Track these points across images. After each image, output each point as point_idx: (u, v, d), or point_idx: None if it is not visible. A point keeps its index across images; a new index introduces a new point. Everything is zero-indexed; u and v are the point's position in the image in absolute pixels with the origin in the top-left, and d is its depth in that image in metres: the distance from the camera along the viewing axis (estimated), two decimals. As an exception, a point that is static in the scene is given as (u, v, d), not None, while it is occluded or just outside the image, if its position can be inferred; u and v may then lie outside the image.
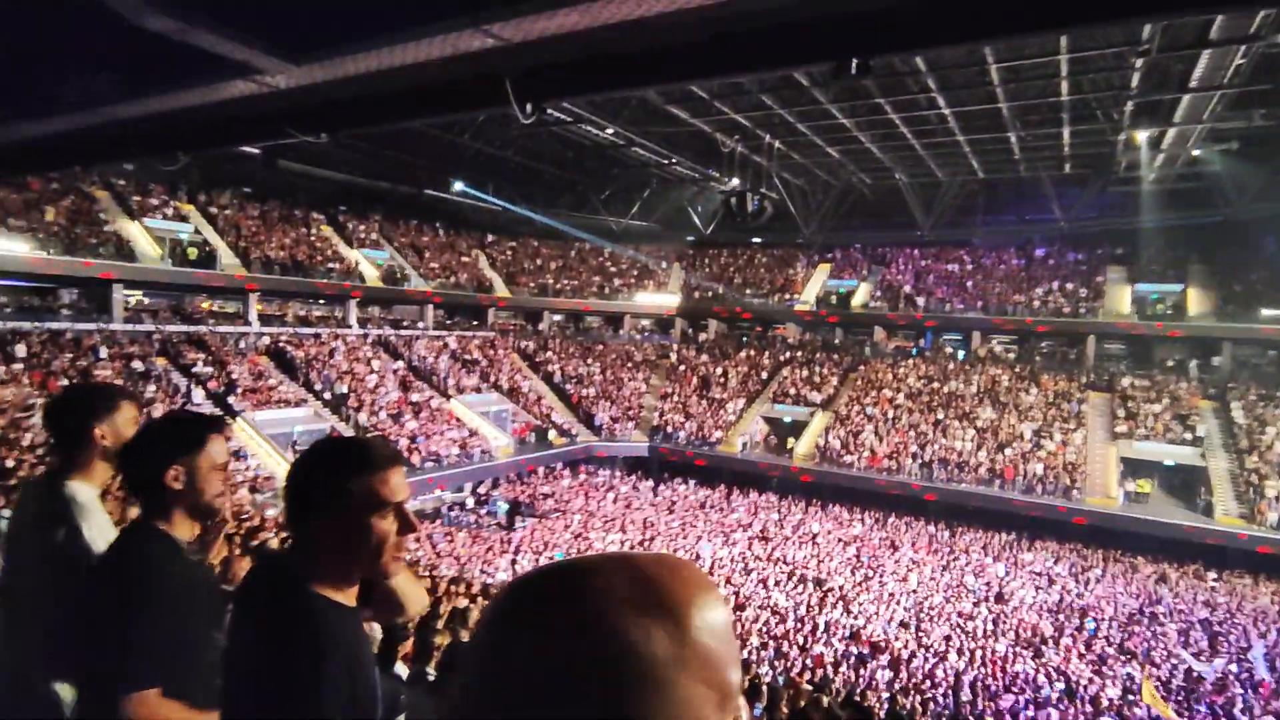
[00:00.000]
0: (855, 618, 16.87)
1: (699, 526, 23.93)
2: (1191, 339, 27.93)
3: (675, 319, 38.84)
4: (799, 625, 16.29)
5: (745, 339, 37.25)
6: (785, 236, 37.10)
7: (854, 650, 15.18)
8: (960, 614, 17.48)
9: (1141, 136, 20.30)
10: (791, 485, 27.78)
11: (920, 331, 33.63)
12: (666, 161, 29.72)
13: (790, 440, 29.36)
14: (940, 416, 28.00)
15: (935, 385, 29.94)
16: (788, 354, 34.60)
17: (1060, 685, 13.87)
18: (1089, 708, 13.07)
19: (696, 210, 36.74)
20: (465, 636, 4.22)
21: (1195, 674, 14.48)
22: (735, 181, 31.75)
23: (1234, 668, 14.69)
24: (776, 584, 18.76)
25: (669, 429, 31.06)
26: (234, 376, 23.22)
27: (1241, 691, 13.74)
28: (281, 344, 26.46)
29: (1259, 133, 20.20)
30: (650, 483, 29.13)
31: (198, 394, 21.62)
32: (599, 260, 40.23)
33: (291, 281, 27.85)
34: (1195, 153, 22.60)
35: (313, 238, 31.18)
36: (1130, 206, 27.27)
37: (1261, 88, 16.68)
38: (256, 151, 17.55)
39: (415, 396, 27.54)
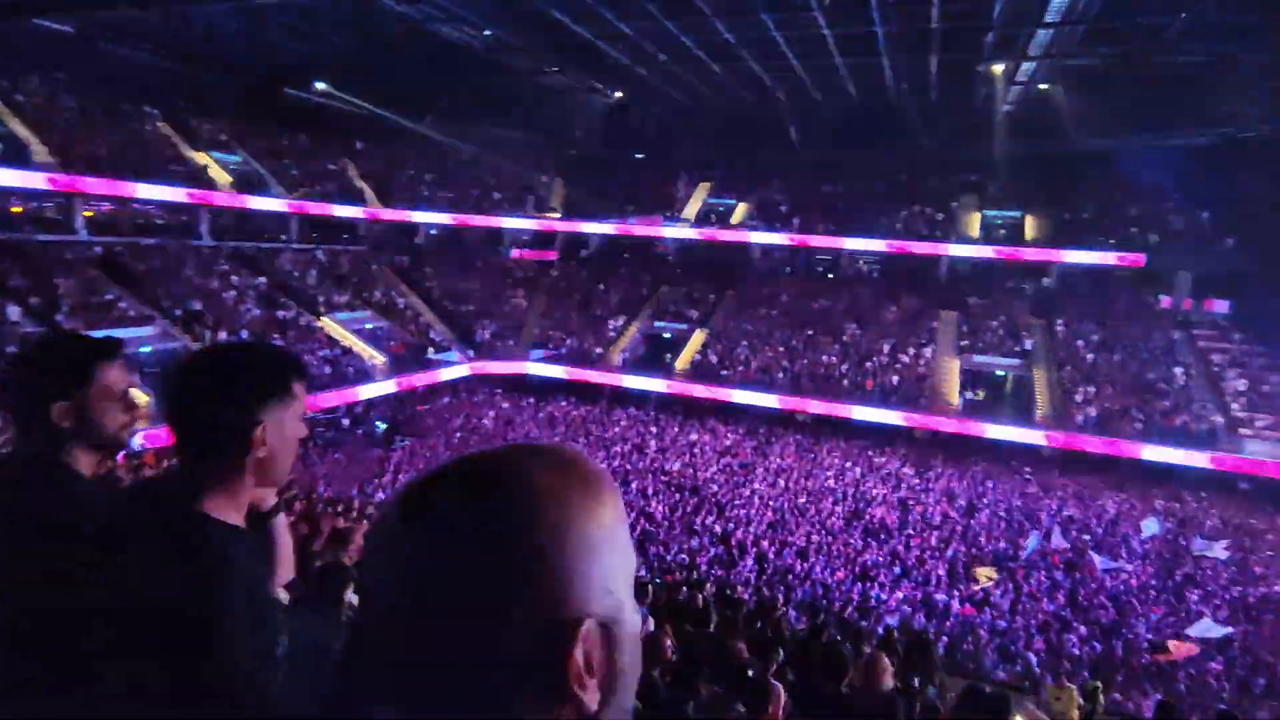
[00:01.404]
0: (728, 522, 18.12)
1: (580, 442, 24.45)
2: (1026, 262, 30.88)
3: (556, 235, 38.16)
4: (673, 530, 17.30)
5: (626, 256, 37.31)
6: (667, 153, 36.90)
7: (726, 550, 16.40)
8: (820, 512, 19.19)
9: (996, 68, 21.55)
10: (670, 401, 28.80)
11: (794, 249, 35.04)
12: (548, 71, 28.39)
13: (668, 356, 30.21)
14: (810, 333, 29.68)
15: (806, 302, 31.54)
16: (667, 271, 35.10)
17: (897, 569, 15.82)
18: (925, 583, 15.03)
19: (578, 124, 35.68)
20: (346, 558, 4.18)
21: (1012, 550, 17.00)
22: (619, 94, 30.92)
23: (1035, 543, 17.15)
24: (655, 494, 19.69)
25: (550, 345, 31.05)
26: (60, 291, 20.71)
27: (1042, 560, 16.39)
28: (118, 255, 23.75)
29: (1099, 70, 21.95)
30: (531, 399, 29.24)
31: (13, 311, 19.17)
32: (476, 173, 38.45)
33: (128, 185, 24.69)
34: (1042, 86, 24.32)
35: (147, 135, 27.68)
36: (983, 135, 29.08)
37: (1110, 25, 17.95)
38: (69, 30, 15.07)
39: (281, 314, 25.79)
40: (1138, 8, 15.83)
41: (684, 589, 10.19)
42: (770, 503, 19.64)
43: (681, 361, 29.60)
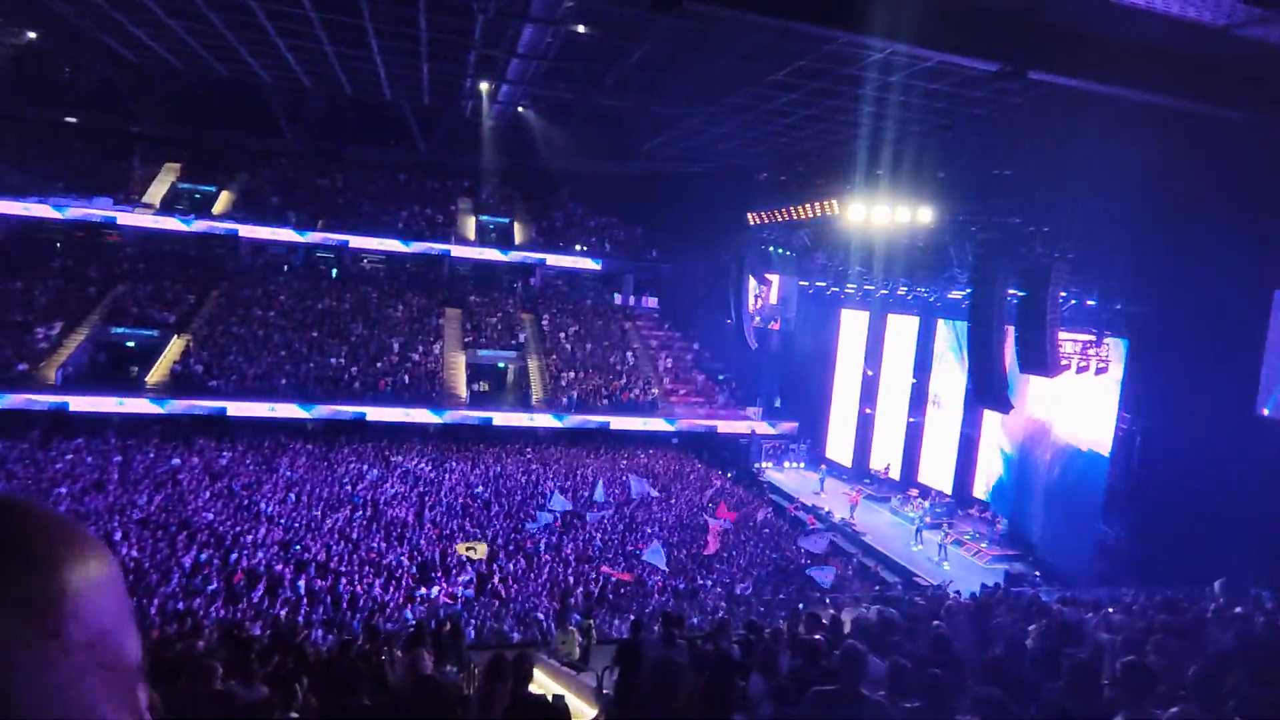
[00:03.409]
0: (232, 551, 15.84)
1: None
2: (517, 262, 34.66)
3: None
4: (159, 577, 14.35)
5: (59, 246, 29.02)
6: (117, 123, 29.77)
7: (233, 583, 14.31)
8: (341, 520, 18.26)
9: (483, 86, 23.47)
10: (143, 422, 23.56)
11: (292, 246, 32.21)
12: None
13: (135, 369, 24.70)
14: (315, 334, 27.78)
15: (309, 303, 29.40)
16: (126, 267, 28.56)
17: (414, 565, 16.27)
18: (441, 574, 15.74)
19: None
20: None
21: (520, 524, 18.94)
22: (32, 35, 23.78)
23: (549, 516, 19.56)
24: (125, 537, 15.94)
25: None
26: None
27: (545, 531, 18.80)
28: None
29: (563, 101, 25.77)
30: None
31: None
32: None
33: None
34: (520, 109, 27.47)
35: None
36: (475, 145, 31.39)
37: (565, 65, 21.21)
38: None
39: None
40: (584, 56, 19.16)
41: (179, 642, 8.54)
42: (281, 521, 17.85)
43: (156, 374, 24.47)
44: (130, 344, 25.90)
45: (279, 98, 28.31)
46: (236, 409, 24.01)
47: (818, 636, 6.41)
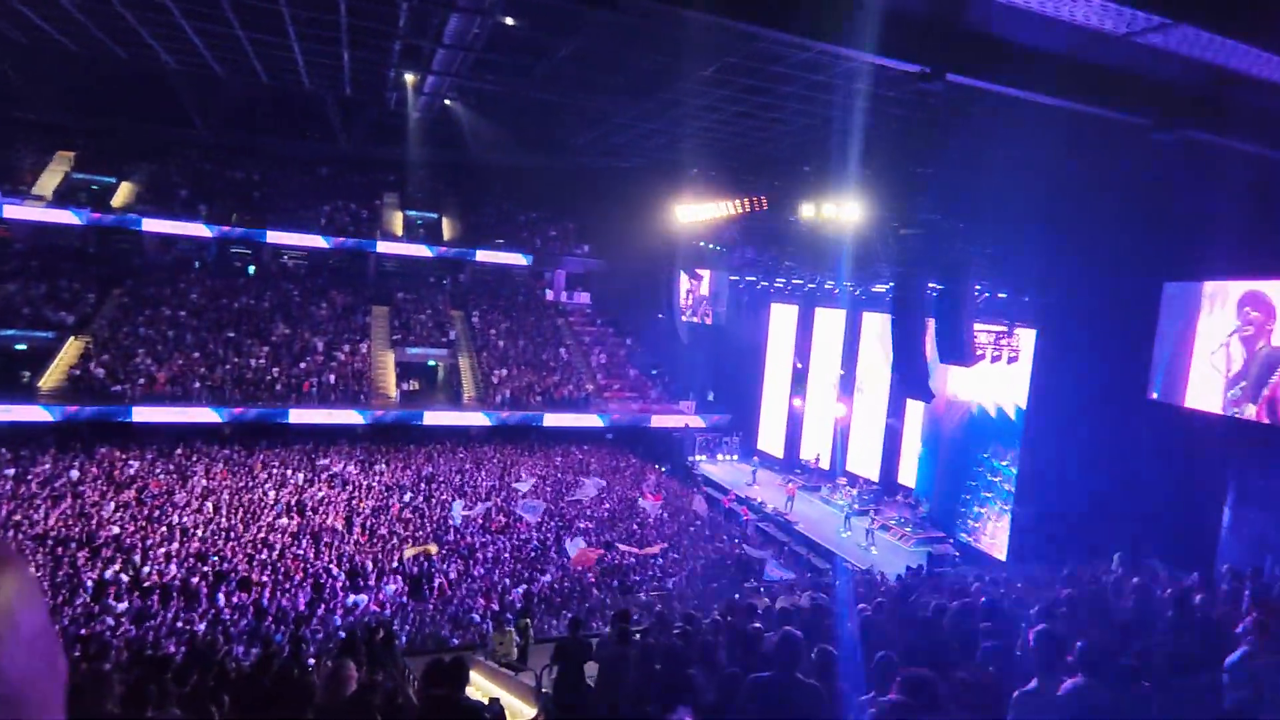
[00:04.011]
0: (143, 565, 14.97)
1: None
2: (446, 258, 33.94)
3: None
4: (63, 597, 13.43)
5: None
6: (1, 108, 27.53)
7: (139, 602, 13.51)
8: (263, 530, 17.49)
9: (408, 77, 22.79)
10: (36, 432, 21.93)
11: (203, 241, 30.56)
12: None
13: (26, 374, 22.98)
14: (232, 334, 26.47)
15: (224, 301, 27.99)
16: (11, 263, 26.48)
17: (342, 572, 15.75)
18: (372, 580, 15.29)
19: None
20: None
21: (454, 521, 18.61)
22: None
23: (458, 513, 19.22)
24: (20, 555, 14.81)
25: None
26: None
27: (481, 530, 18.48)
28: None
29: (492, 95, 25.29)
30: None
31: None
32: None
33: None
34: (448, 101, 26.82)
35: None
36: (401, 138, 30.47)
37: (493, 58, 20.79)
38: None
39: None
40: (512, 48, 18.84)
41: (83, 664, 8.00)
42: (198, 533, 16.96)
43: (50, 379, 22.81)
44: (21, 346, 24.05)
45: (188, 86, 26.76)
46: (143, 414, 22.62)
47: (756, 625, 6.54)
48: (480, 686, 9.30)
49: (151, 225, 28.40)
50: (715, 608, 11.82)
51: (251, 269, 31.67)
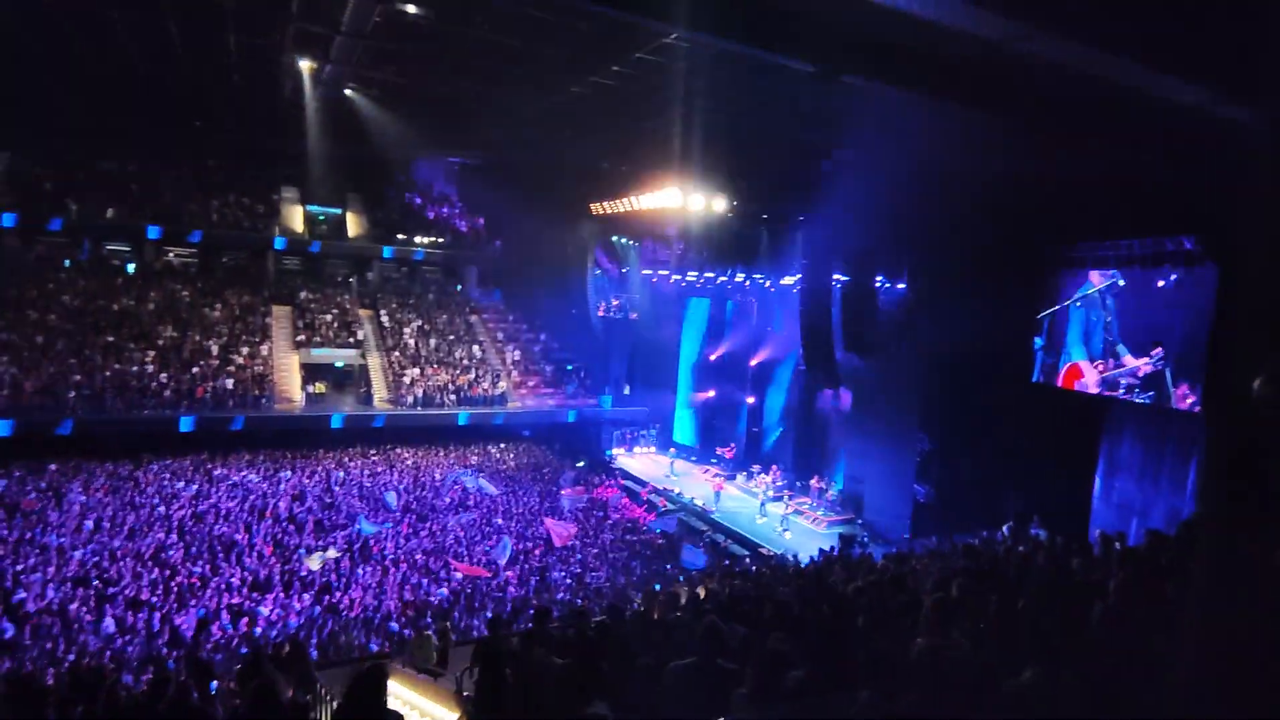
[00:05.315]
0: (14, 592, 13.71)
1: None
2: (351, 256, 32.57)
3: None
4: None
5: None
6: None
7: (12, 631, 12.38)
8: (151, 547, 16.34)
9: (304, 64, 21.65)
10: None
11: (74, 238, 28.09)
12: None
13: None
14: (111, 339, 24.50)
15: (101, 303, 25.87)
16: None
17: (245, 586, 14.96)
18: (280, 590, 14.60)
19: None
20: None
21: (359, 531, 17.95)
22: None
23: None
24: None
25: None
26: None
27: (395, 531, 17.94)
28: None
29: (395, 86, 24.36)
30: None
31: None
32: None
33: None
34: (347, 91, 25.66)
35: None
36: (299, 130, 28.88)
37: (393, 46, 20.01)
38: None
39: None
40: (415, 38, 18.20)
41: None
42: (75, 555, 15.65)
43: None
44: None
45: (53, 67, 24.42)
46: (8, 428, 20.63)
47: (677, 614, 6.66)
48: (399, 694, 9.05)
49: (7, 220, 25.84)
50: (636, 598, 11.93)
51: (131, 268, 29.35)
